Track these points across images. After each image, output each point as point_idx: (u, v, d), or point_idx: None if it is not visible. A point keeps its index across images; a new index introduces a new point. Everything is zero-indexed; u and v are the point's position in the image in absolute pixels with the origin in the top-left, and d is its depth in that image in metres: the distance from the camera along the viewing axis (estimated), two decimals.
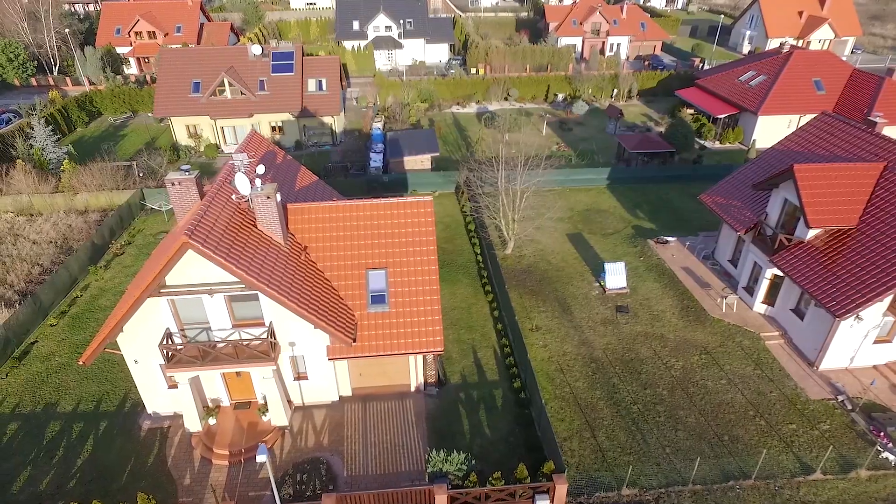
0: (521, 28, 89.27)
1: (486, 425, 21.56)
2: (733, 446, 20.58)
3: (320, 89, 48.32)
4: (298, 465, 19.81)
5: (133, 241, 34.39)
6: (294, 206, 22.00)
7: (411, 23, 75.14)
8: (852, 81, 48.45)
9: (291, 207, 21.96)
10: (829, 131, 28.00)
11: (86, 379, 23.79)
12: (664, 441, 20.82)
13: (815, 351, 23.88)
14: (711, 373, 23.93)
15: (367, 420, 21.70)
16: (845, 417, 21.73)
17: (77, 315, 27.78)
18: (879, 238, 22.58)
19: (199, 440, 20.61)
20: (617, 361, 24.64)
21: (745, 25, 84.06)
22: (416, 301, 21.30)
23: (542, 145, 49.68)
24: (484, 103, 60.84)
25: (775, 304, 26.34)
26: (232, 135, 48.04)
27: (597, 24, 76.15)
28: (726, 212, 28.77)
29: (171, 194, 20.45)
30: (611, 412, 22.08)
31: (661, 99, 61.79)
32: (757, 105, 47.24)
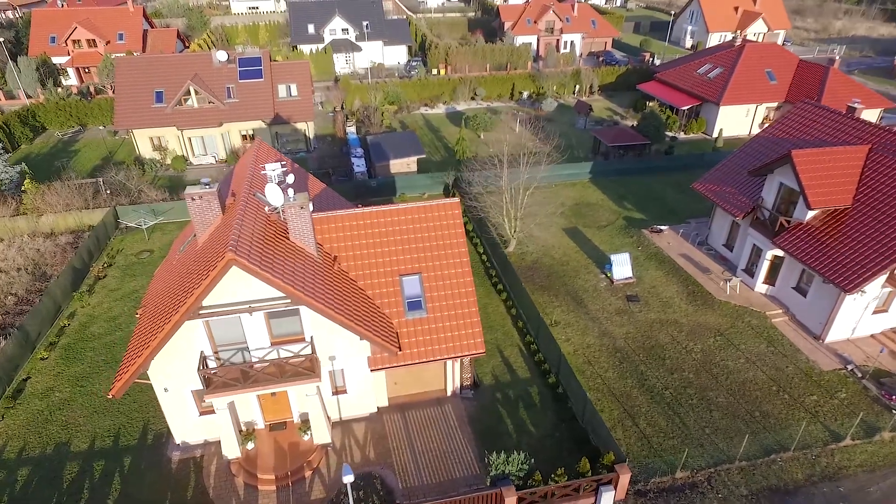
0: (474, 28, 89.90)
1: (529, 423, 21.60)
2: (766, 421, 21.52)
3: (291, 95, 46.94)
4: (355, 484, 19.15)
5: (114, 262, 32.27)
6: (319, 215, 21.25)
7: (368, 25, 74.20)
8: (800, 71, 51.68)
9: (317, 217, 21.18)
10: (812, 118, 29.76)
11: (95, 413, 22.13)
12: (702, 422, 21.52)
13: (821, 325, 25.33)
14: (729, 353, 24.94)
15: (410, 429, 21.28)
16: (857, 385, 23.16)
17: (69, 346, 25.79)
18: (874, 215, 24.20)
19: (240, 467, 19.58)
20: (639, 349, 25.26)
21: (686, 21, 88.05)
22: (452, 304, 21.06)
23: (517, 143, 50.42)
24: (452, 103, 60.91)
25: (776, 284, 27.74)
26: (200, 145, 45.93)
27: (551, 23, 77.76)
28: (722, 198, 30.04)
29: (191, 210, 19.41)
30: (645, 399, 22.61)
31: (621, 93, 63.81)
32: (718, 96, 49.60)
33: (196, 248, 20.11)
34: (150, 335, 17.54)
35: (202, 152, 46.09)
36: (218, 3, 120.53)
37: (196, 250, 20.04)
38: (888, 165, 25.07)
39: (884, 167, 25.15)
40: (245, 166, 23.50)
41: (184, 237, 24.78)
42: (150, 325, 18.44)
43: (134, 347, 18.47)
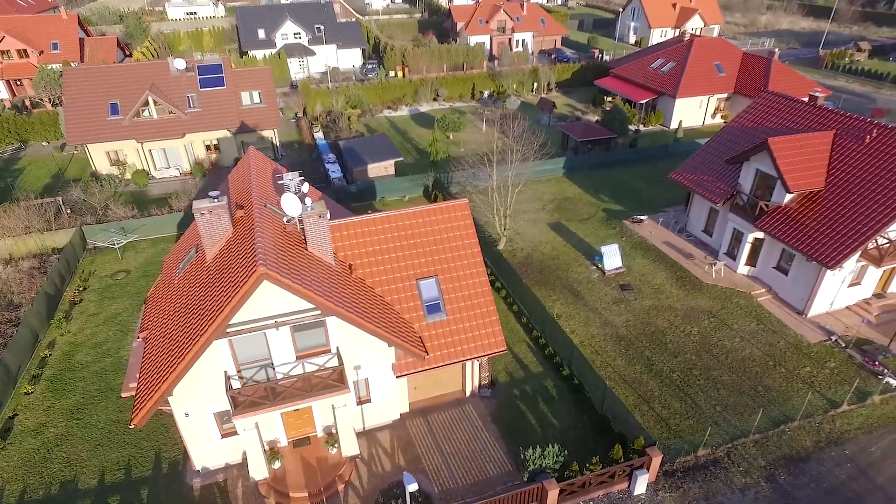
0: (425, 29, 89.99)
1: (551, 416, 21.97)
2: (769, 395, 22.77)
3: (255, 102, 45.63)
4: (387, 491, 18.93)
5: (88, 285, 30.43)
6: (331, 223, 20.82)
7: (320, 29, 72.99)
8: (744, 63, 54.74)
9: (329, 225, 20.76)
10: (775, 107, 31.64)
11: (99, 446, 20.86)
12: (712, 401, 22.53)
13: (803, 301, 27.01)
14: (724, 333, 26.20)
15: (435, 433, 21.22)
16: (843, 354, 24.85)
17: (55, 377, 24.15)
18: (846, 195, 26.03)
19: (269, 487, 18.96)
20: (641, 336, 26.14)
21: (629, 18, 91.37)
22: (471, 304, 21.14)
23: (487, 142, 50.95)
24: (415, 105, 60.82)
25: (757, 265, 29.35)
26: (162, 158, 43.91)
27: (502, 22, 78.90)
28: (700, 187, 31.48)
29: (200, 224, 18.64)
30: (656, 383, 23.44)
31: (577, 89, 65.60)
32: (673, 89, 51.84)
33: (205, 265, 19.32)
34: (173, 359, 16.72)
35: (164, 165, 44.09)
36: (151, 8, 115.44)
37: (205, 266, 19.25)
38: (853, 148, 27.02)
39: (849, 150, 27.08)
40: (242, 177, 22.74)
41: (177, 255, 23.73)
42: (168, 349, 17.59)
43: (151, 373, 17.55)
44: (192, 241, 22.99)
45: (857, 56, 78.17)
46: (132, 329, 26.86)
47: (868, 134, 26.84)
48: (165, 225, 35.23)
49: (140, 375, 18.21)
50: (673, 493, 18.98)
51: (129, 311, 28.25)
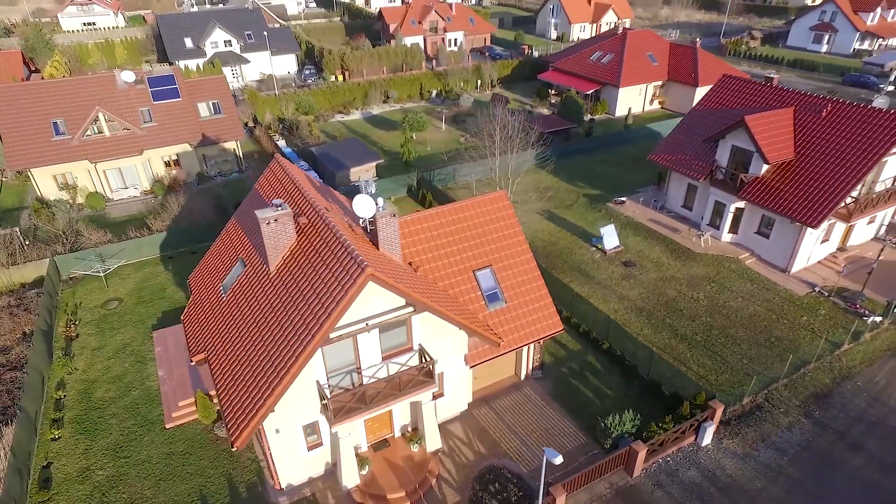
0: (352, 32, 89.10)
1: (603, 388, 23.29)
2: (781, 344, 25.45)
3: (216, 113, 43.60)
4: (480, 479, 19.35)
5: (78, 318, 28.01)
6: None
7: (251, 35, 70.45)
8: (673, 52, 59.40)
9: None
10: (736, 89, 35.01)
11: (161, 481, 19.59)
12: (737, 355, 24.84)
13: (785, 259, 30.25)
14: (727, 295, 28.82)
15: (504, 417, 21.85)
16: (828, 302, 28.19)
17: (80, 418, 22.23)
18: (813, 162, 29.47)
19: (363, 493, 18.76)
20: (658, 306, 28.17)
21: (548, 14, 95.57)
22: (525, 290, 21.97)
23: (449, 140, 51.96)
24: (367, 108, 60.43)
25: (739, 232, 32.42)
26: (118, 178, 40.86)
27: (434, 22, 79.96)
28: (679, 166, 34.20)
29: (265, 234, 18.16)
30: (684, 346, 25.45)
31: (518, 84, 68.04)
32: (616, 79, 55.30)
33: (268, 276, 18.75)
34: (274, 373, 16.19)
35: (121, 186, 41.05)
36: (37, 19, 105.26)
37: (270, 278, 18.70)
38: (813, 121, 30.63)
39: (810, 123, 30.66)
40: (282, 185, 22.04)
41: (207, 273, 22.67)
42: (258, 365, 16.98)
43: (242, 392, 16.86)
44: (226, 257, 22.09)
45: (752, 43, 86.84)
46: (149, 358, 25.20)
47: (824, 108, 30.52)
48: (146, 247, 33.04)
49: (225, 398, 17.41)
50: (734, 439, 20.89)
51: (137, 340, 26.41)
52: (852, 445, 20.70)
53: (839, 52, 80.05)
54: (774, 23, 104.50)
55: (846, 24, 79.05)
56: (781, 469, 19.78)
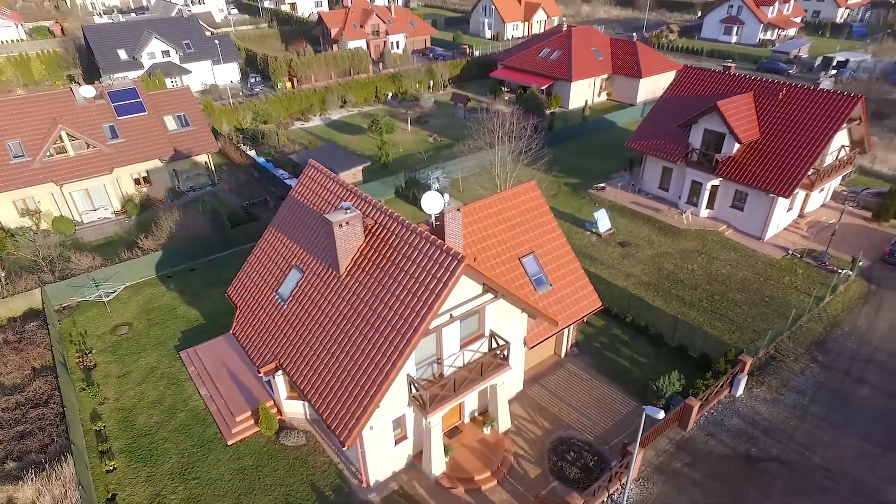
0: (289, 39, 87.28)
1: (636, 356, 25.23)
2: (774, 302, 28.52)
3: (184, 125, 42.01)
4: (554, 450, 20.60)
5: (89, 347, 26.53)
6: None
7: (189, 44, 67.69)
8: (614, 47, 63.32)
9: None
10: (697, 78, 38.34)
11: (243, 496, 19.33)
12: (741, 316, 27.61)
13: (760, 228, 33.70)
14: (717, 265, 31.76)
15: (559, 393, 23.23)
16: (802, 263, 31.77)
17: (132, 447, 21.35)
18: (776, 141, 33.04)
19: (450, 478, 19.48)
20: (661, 279, 30.61)
21: (481, 14, 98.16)
22: (565, 272, 23.44)
23: (418, 140, 52.77)
24: (326, 114, 59.92)
25: (715, 207, 35.66)
26: (85, 200, 38.49)
27: (376, 25, 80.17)
28: (656, 150, 37.05)
29: (338, 237, 18.52)
30: (694, 312, 27.94)
31: (468, 83, 69.81)
32: (568, 74, 58.25)
33: (338, 279, 19.06)
34: (378, 370, 16.62)
35: (89, 207, 38.70)
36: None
37: (340, 281, 19.02)
38: (771, 104, 34.27)
39: (769, 106, 34.30)
40: (317, 191, 22.16)
41: (248, 285, 22.46)
42: (354, 365, 17.32)
43: (343, 394, 17.14)
44: (272, 267, 22.01)
45: (671, 36, 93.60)
46: (183, 379, 24.45)
47: (779, 92, 34.24)
48: (141, 268, 31.63)
49: (321, 402, 17.58)
50: (760, 388, 23.42)
51: (164, 362, 25.48)
52: (857, 380, 23.83)
53: (747, 42, 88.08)
54: (685, 17, 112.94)
55: (751, 17, 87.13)
56: (806, 408, 22.48)
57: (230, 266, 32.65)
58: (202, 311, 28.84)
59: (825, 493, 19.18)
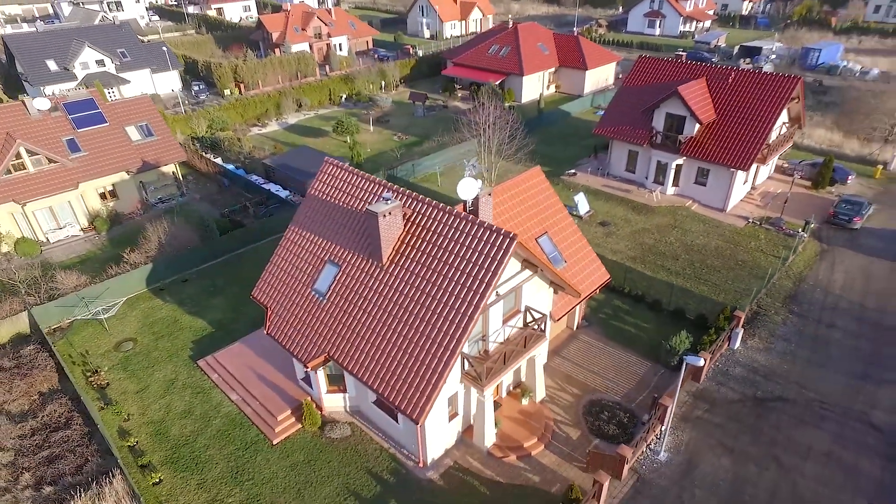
0: (225, 44, 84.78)
1: (640, 322, 27.32)
2: (746, 266, 31.56)
3: (148, 135, 40.52)
4: (588, 413, 22.18)
5: (95, 366, 25.53)
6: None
7: (125, 53, 64.62)
8: (557, 41, 66.32)
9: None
10: (653, 67, 41.32)
11: (302, 490, 19.59)
12: (722, 279, 30.40)
13: (722, 201, 36.98)
14: (691, 236, 34.61)
15: (579, 362, 24.86)
16: (762, 229, 35.21)
17: (173, 459, 21.00)
18: (731, 120, 36.38)
19: (501, 448, 20.60)
20: (645, 253, 33.04)
21: (418, 15, 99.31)
22: (575, 249, 25.11)
23: (382, 139, 53.31)
24: (283, 118, 59.07)
25: (680, 185, 38.71)
26: (49, 218, 36.43)
27: (318, 28, 79.47)
28: (623, 135, 39.68)
29: (382, 227, 19.23)
30: (681, 279, 30.46)
31: (419, 82, 70.85)
32: (519, 69, 60.54)
33: (385, 268, 19.73)
34: (441, 348, 17.48)
35: (54, 226, 36.65)
36: None
37: (384, 269, 19.71)
38: (722, 88, 37.63)
39: (721, 90, 37.64)
40: (339, 187, 22.60)
41: (273, 285, 22.63)
42: (414, 347, 18.09)
43: (410, 374, 17.86)
44: (302, 264, 22.27)
45: (601, 31, 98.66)
46: (208, 387, 24.15)
47: (728, 77, 37.67)
48: (133, 283, 30.56)
49: (386, 386, 18.20)
50: (753, 339, 26.09)
51: (182, 373, 25.01)
52: (829, 325, 27.02)
53: (670, 34, 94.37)
54: (608, 12, 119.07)
55: (672, 11, 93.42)
56: (794, 352, 25.33)
57: (224, 274, 32.20)
58: (208, 320, 28.35)
59: (824, 420, 21.88)
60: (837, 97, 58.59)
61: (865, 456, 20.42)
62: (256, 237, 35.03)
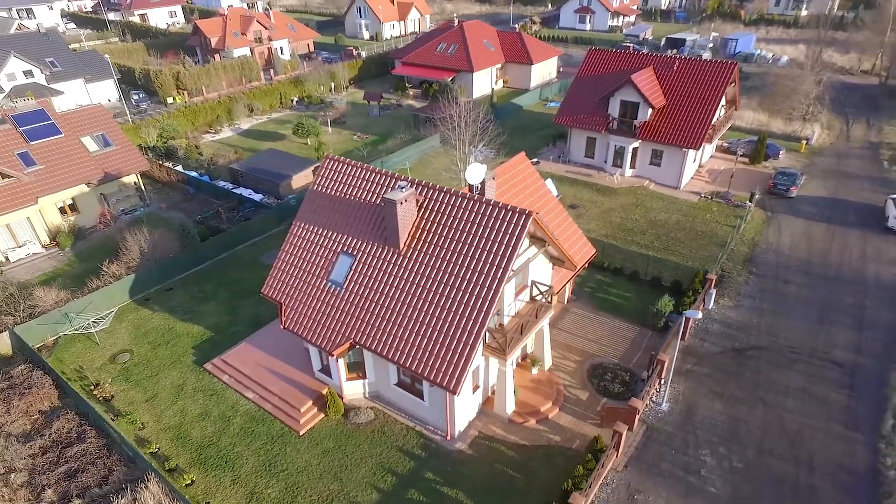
0: (159, 51, 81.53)
1: (622, 292, 29.53)
2: (706, 236, 34.56)
3: (106, 145, 39.13)
4: (592, 375, 24.00)
5: (93, 380, 24.91)
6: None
7: (55, 62, 61.28)
8: (501, 38, 68.64)
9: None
10: (603, 58, 44.04)
11: (338, 474, 20.21)
12: (687, 249, 33.19)
13: (676, 179, 40.12)
14: (653, 213, 37.41)
15: (575, 332, 26.68)
16: (713, 203, 38.55)
17: (200, 460, 21.06)
18: (679, 105, 39.54)
19: (520, 414, 22.02)
20: (614, 230, 35.47)
21: (356, 16, 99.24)
22: (564, 227, 26.87)
23: (343, 140, 53.60)
24: (236, 124, 57.98)
25: (636, 166, 41.59)
26: (7, 237, 34.60)
27: (258, 32, 78.07)
28: (581, 124, 42.13)
29: (400, 214, 20.23)
30: (651, 251, 32.96)
31: (369, 82, 71.30)
32: (469, 66, 62.30)
33: (402, 253, 20.68)
34: (468, 321, 18.64)
35: (13, 244, 34.85)
36: None
37: (401, 254, 20.67)
38: (668, 76, 40.78)
39: (667, 77, 40.77)
40: (342, 181, 23.28)
41: (296, 280, 23.06)
42: (442, 324, 19.15)
43: (441, 348, 18.89)
44: (314, 257, 22.80)
45: (535, 27, 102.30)
46: (220, 389, 24.19)
47: (673, 65, 40.86)
48: (116, 295, 29.77)
49: (419, 363, 19.16)
50: (724, 298, 28.85)
51: (190, 378, 24.87)
52: (784, 282, 30.27)
53: (600, 29, 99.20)
54: (539, 9, 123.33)
55: (600, 7, 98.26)
56: (761, 308, 28.28)
57: (211, 280, 31.90)
58: (204, 325, 28.13)
59: (795, 362, 24.74)
60: (758, 82, 64.03)
61: (833, 388, 23.36)
62: (237, 241, 34.79)
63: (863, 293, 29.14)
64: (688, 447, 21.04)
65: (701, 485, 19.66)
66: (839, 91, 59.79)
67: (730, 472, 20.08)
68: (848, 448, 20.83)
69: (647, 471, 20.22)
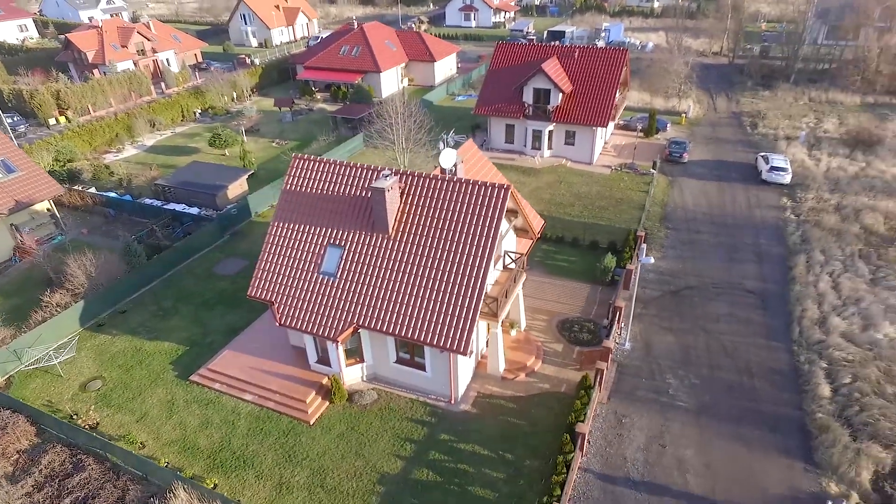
0: (24, 69, 74.04)
1: (568, 257, 32.94)
2: (624, 202, 39.16)
3: (11, 171, 36.08)
4: (562, 329, 26.99)
5: (70, 411, 23.76)
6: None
7: None
8: (402, 38, 70.70)
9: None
10: (510, 51, 47.61)
11: (359, 452, 21.37)
12: (615, 213, 37.49)
13: (589, 156, 44.67)
14: (576, 188, 41.52)
15: (536, 295, 29.53)
16: (624, 173, 43.52)
17: (216, 465, 21.17)
18: (585, 89, 44.03)
19: (511, 371, 24.41)
20: (547, 206, 38.98)
21: (241, 24, 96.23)
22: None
23: (262, 147, 52.94)
24: (138, 141, 54.82)
25: (553, 147, 45.66)
26: None
27: (140, 44, 73.63)
28: (499, 112, 45.38)
29: (388, 201, 21.86)
30: (583, 219, 36.88)
31: (273, 88, 70.24)
32: (375, 66, 63.66)
33: (391, 237, 22.22)
34: (467, 288, 20.64)
35: None
36: None
37: (392, 238, 22.24)
38: (571, 64, 45.18)
39: (570, 65, 45.14)
40: (314, 178, 24.21)
41: (284, 276, 23.71)
42: (435, 300, 21.00)
43: (445, 314, 20.69)
44: (300, 253, 23.60)
45: (424, 26, 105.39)
46: (213, 398, 24.17)
47: (574, 53, 45.33)
48: (67, 325, 28.14)
49: (426, 334, 20.82)
50: (658, 251, 33.22)
51: (178, 393, 24.52)
52: (696, 232, 35.41)
53: (485, 25, 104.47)
54: (421, 9, 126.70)
55: (483, 5, 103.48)
56: (682, 255, 33.01)
57: (167, 295, 31.07)
58: (176, 341, 27.56)
59: (719, 295, 29.47)
60: (634, 66, 71.60)
61: (751, 310, 28.24)
62: (184, 256, 33.87)
63: (755, 233, 34.96)
64: (654, 375, 24.64)
65: (671, 401, 23.27)
66: (700, 71, 68.52)
67: (690, 388, 23.91)
68: (772, 354, 25.53)
69: (626, 399, 23.50)
